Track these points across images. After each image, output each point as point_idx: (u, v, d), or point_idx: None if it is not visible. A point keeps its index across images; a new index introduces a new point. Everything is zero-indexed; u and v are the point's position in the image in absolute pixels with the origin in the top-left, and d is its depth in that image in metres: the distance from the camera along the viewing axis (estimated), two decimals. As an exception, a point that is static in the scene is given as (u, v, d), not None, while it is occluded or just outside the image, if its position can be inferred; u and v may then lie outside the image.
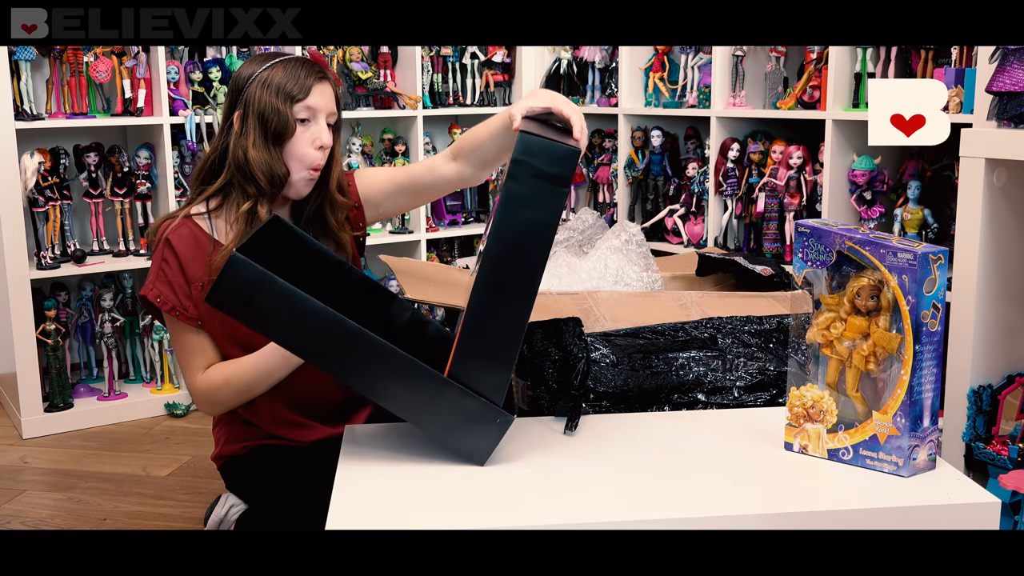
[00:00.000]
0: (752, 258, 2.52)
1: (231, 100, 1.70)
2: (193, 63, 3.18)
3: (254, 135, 1.65)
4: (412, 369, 1.30)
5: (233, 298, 1.33)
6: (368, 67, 3.48)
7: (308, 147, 1.67)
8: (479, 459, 1.32)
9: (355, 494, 1.23)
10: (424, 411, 1.31)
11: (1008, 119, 1.69)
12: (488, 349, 1.29)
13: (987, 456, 1.76)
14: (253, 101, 1.65)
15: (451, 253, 3.87)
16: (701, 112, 3.21)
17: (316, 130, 1.67)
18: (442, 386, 1.30)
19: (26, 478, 2.65)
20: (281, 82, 1.65)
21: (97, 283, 3.19)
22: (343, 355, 1.31)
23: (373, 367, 1.31)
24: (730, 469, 1.29)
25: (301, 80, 1.66)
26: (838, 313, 1.28)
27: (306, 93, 1.66)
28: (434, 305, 2.21)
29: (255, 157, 1.64)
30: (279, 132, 1.65)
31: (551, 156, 1.26)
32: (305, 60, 1.70)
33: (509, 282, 1.27)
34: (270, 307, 1.31)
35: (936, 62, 2.57)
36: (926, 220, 2.60)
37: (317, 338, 1.32)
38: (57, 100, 3.05)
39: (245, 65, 1.71)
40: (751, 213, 3.09)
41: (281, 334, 1.36)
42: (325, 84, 1.69)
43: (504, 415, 1.31)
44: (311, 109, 1.66)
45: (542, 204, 1.26)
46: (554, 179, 1.26)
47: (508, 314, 1.28)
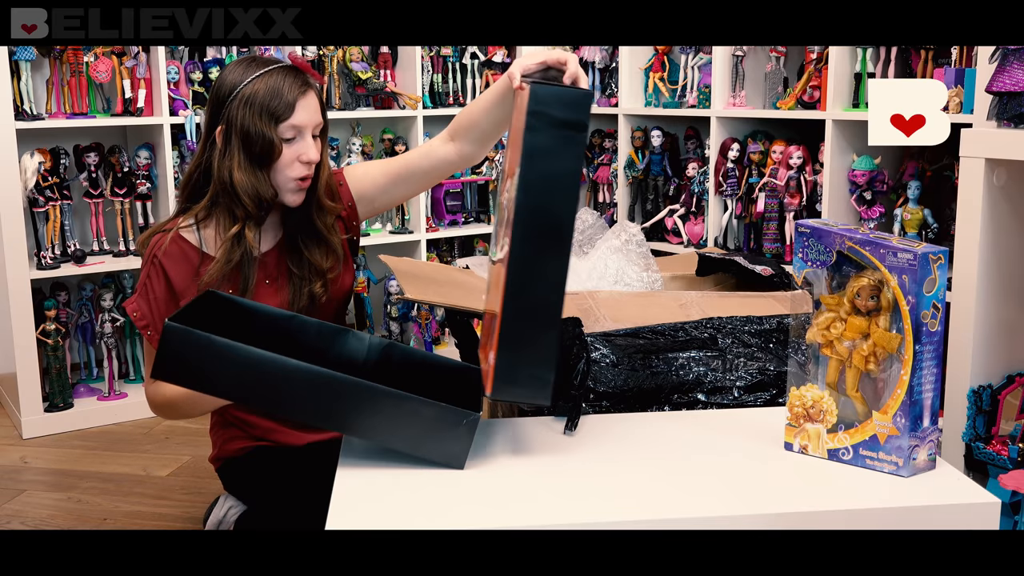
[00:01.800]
0: (752, 258, 2.52)
1: (212, 112, 1.65)
2: (193, 63, 3.18)
3: (239, 156, 1.61)
4: (363, 391, 1.28)
5: (176, 366, 1.32)
6: (368, 67, 3.48)
7: (295, 164, 1.64)
8: (457, 463, 1.30)
9: (355, 494, 1.23)
10: (387, 430, 1.30)
11: (1008, 119, 1.69)
12: (534, 309, 1.27)
13: (987, 456, 1.76)
14: (236, 121, 1.61)
15: (451, 253, 3.87)
16: (701, 112, 3.21)
17: (302, 146, 1.64)
18: (398, 401, 1.28)
19: (26, 478, 2.65)
20: (264, 100, 1.61)
21: (97, 283, 3.19)
22: (293, 395, 1.30)
23: (324, 399, 1.29)
24: (730, 469, 1.29)
25: (284, 97, 1.61)
26: (838, 313, 1.28)
27: (291, 111, 1.62)
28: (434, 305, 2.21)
29: (240, 180, 1.61)
30: (265, 154, 1.61)
31: (564, 103, 1.26)
32: (287, 69, 1.65)
33: (544, 235, 1.26)
34: (211, 366, 1.30)
35: (936, 62, 2.57)
36: (926, 220, 2.60)
37: (264, 386, 1.30)
38: (57, 100, 3.05)
39: (226, 73, 1.66)
40: (751, 213, 3.09)
41: (231, 391, 1.35)
42: (309, 95, 1.65)
43: (470, 415, 1.29)
44: (296, 127, 1.63)
45: (564, 152, 1.26)
46: (572, 125, 1.26)
47: (547, 269, 1.27)
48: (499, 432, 1.45)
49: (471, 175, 3.78)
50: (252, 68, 1.64)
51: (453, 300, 1.83)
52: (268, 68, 1.64)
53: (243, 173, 1.61)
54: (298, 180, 1.65)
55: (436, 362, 1.55)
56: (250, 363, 1.29)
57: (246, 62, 1.66)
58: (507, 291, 1.27)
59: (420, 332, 3.61)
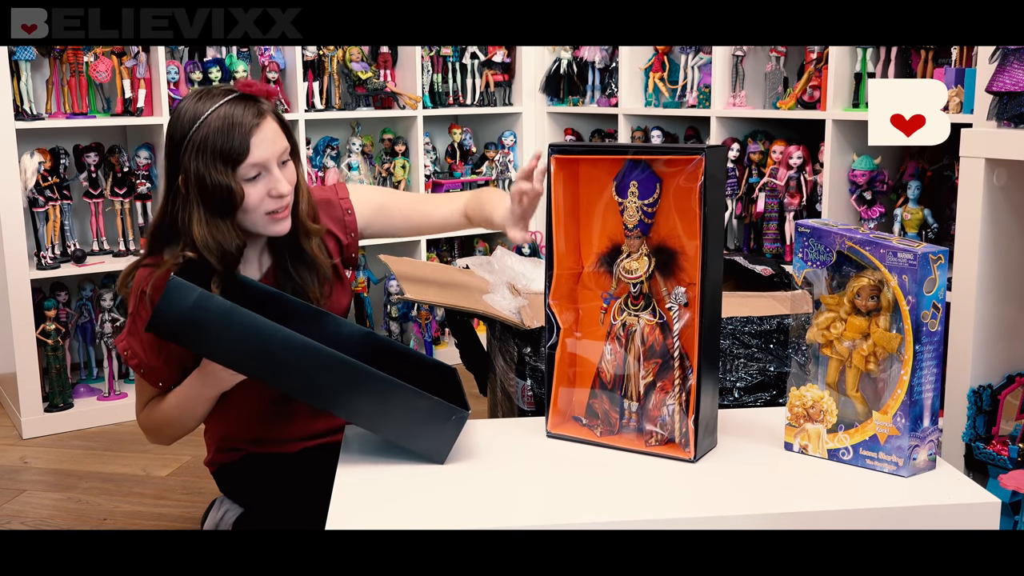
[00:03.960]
0: (752, 258, 2.52)
1: (169, 160, 1.54)
2: (193, 63, 3.18)
3: (198, 210, 1.49)
4: (364, 375, 1.29)
5: (174, 322, 1.31)
6: (368, 67, 3.48)
7: (264, 200, 1.53)
8: (438, 458, 1.31)
9: (355, 494, 1.23)
10: (378, 416, 1.31)
11: (1008, 119, 1.69)
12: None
13: (987, 456, 1.76)
14: (191, 171, 1.49)
15: (451, 253, 3.87)
16: (701, 112, 3.21)
17: (269, 181, 1.53)
18: (395, 389, 1.29)
19: (26, 478, 2.65)
20: (216, 144, 1.47)
21: (97, 283, 3.19)
22: (291, 368, 1.31)
23: (324, 377, 1.30)
24: (730, 469, 1.29)
25: (237, 135, 1.48)
26: (838, 313, 1.28)
27: (247, 150, 1.48)
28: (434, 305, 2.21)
29: (200, 235, 1.49)
30: (225, 203, 1.49)
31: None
32: (235, 101, 1.51)
33: None
34: (212, 327, 1.30)
35: (936, 62, 2.57)
36: (926, 220, 2.59)
37: (263, 353, 1.31)
38: (57, 100, 3.05)
39: (177, 115, 1.53)
40: (751, 213, 3.09)
41: (227, 353, 1.35)
42: (265, 124, 1.51)
43: (459, 412, 1.31)
44: (258, 165, 1.51)
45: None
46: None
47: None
48: (498, 432, 1.45)
49: (471, 175, 3.78)
50: (200, 105, 1.51)
51: (453, 300, 1.83)
52: (215, 105, 1.50)
53: (203, 227, 1.49)
54: (272, 214, 1.55)
55: (413, 357, 1.56)
56: (255, 330, 1.30)
57: (194, 98, 1.53)
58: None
59: (420, 332, 3.61)
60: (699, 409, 1.29)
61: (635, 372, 1.36)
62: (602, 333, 1.39)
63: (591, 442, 1.37)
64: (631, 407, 1.37)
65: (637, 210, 1.33)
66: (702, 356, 1.29)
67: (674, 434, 1.32)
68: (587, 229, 1.40)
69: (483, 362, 2.17)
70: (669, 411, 1.33)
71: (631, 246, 1.35)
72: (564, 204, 1.38)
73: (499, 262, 2.11)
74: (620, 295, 1.37)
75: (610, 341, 1.38)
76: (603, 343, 1.39)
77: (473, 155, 3.85)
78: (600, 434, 1.38)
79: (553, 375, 1.40)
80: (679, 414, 1.31)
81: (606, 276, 1.39)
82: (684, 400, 1.31)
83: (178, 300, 1.30)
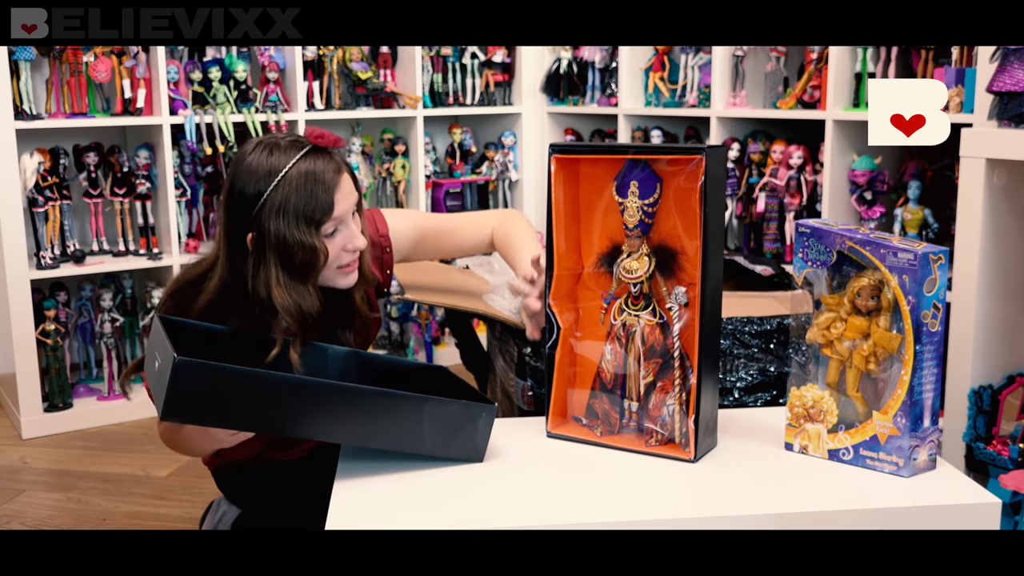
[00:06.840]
0: (752, 258, 2.52)
1: (235, 215, 1.43)
2: (193, 63, 3.18)
3: (276, 271, 1.40)
4: (390, 401, 1.28)
5: (193, 404, 1.20)
6: (368, 67, 3.48)
7: (340, 254, 1.47)
8: (478, 457, 1.32)
9: (355, 494, 1.23)
10: (414, 435, 1.29)
11: (1008, 119, 1.69)
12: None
13: (987, 456, 1.76)
14: (270, 232, 1.39)
15: (451, 253, 3.87)
16: (701, 112, 3.21)
17: (346, 235, 1.47)
18: (422, 403, 1.28)
19: (26, 478, 2.65)
20: (299, 206, 1.39)
21: (97, 283, 3.19)
22: (320, 416, 1.25)
23: (354, 415, 1.26)
24: (730, 469, 1.29)
25: (321, 197, 1.40)
26: (838, 313, 1.28)
27: (331, 209, 1.41)
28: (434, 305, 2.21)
29: (281, 298, 1.40)
30: (308, 264, 1.41)
31: None
32: (314, 156, 1.43)
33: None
34: (233, 399, 1.20)
35: (936, 62, 2.57)
36: (926, 220, 2.60)
37: (289, 409, 1.23)
38: (57, 100, 3.05)
39: (244, 172, 1.42)
40: (751, 213, 3.09)
41: (255, 420, 1.24)
42: (343, 178, 1.45)
43: (487, 407, 1.31)
44: (337, 220, 1.44)
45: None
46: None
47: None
48: (498, 432, 1.45)
49: (471, 175, 3.78)
50: (274, 160, 1.41)
51: (453, 300, 1.83)
52: (292, 161, 1.41)
53: (283, 289, 1.40)
54: (344, 267, 1.49)
55: (400, 365, 1.55)
56: (274, 387, 1.22)
57: (263, 151, 1.43)
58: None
59: (420, 332, 3.61)
60: (699, 409, 1.29)
61: (635, 372, 1.36)
62: (602, 333, 1.39)
63: (591, 442, 1.37)
64: (631, 407, 1.37)
65: (637, 210, 1.33)
66: (702, 356, 1.29)
67: (674, 434, 1.32)
68: (587, 229, 1.40)
69: (483, 362, 2.17)
70: (669, 411, 1.33)
71: (631, 246, 1.35)
72: (564, 204, 1.38)
73: (499, 262, 2.11)
74: (620, 295, 1.37)
75: (610, 341, 1.38)
76: (603, 343, 1.39)
77: (473, 155, 3.85)
78: (600, 434, 1.38)
79: (553, 375, 1.40)
80: (679, 414, 1.31)
81: (606, 276, 1.39)
82: (684, 400, 1.31)
83: (191, 381, 1.19)
